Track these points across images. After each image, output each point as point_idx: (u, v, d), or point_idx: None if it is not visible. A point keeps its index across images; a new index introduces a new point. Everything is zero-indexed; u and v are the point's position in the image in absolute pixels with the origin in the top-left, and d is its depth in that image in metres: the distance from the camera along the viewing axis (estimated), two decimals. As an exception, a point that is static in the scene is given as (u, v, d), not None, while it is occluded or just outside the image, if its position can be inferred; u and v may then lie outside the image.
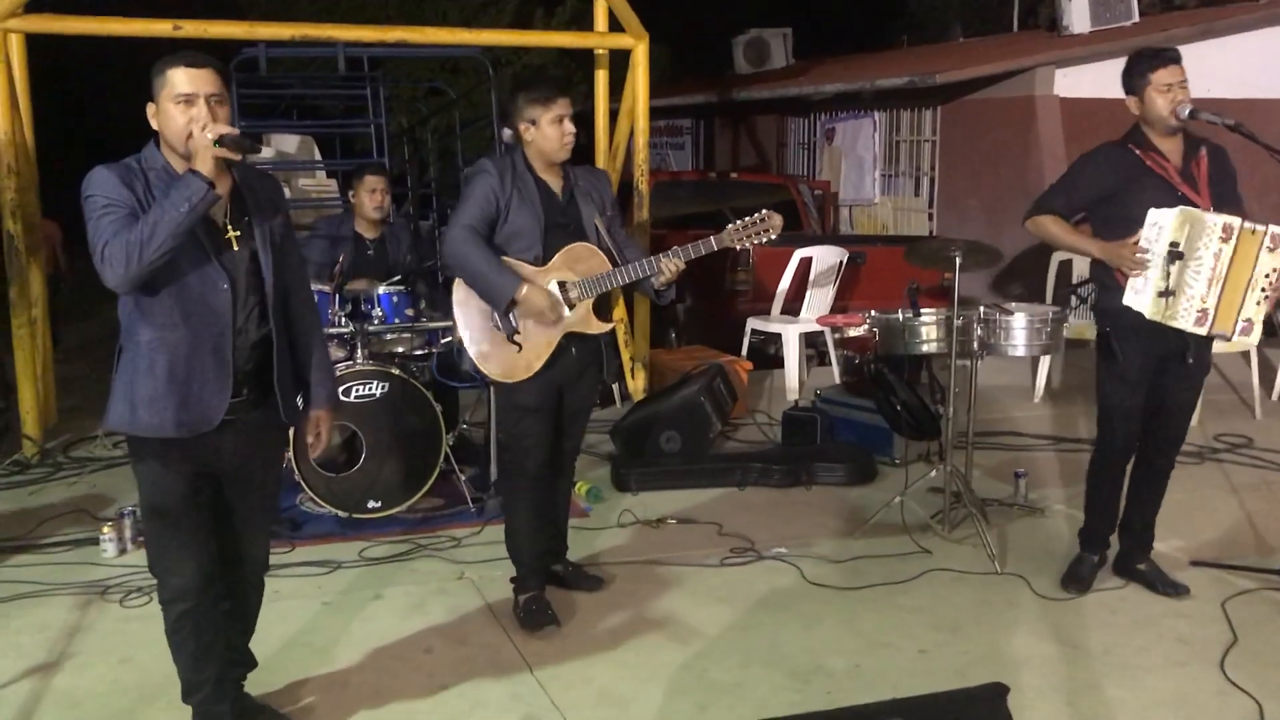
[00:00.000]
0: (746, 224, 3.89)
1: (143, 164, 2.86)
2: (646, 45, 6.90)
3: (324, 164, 10.28)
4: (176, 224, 2.70)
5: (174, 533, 2.97)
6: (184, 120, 2.78)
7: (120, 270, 2.71)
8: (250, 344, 2.96)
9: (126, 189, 2.78)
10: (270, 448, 3.17)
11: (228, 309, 2.88)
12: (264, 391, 3.01)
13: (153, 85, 2.84)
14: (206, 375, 2.88)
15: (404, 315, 5.26)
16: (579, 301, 3.91)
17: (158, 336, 2.85)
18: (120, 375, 2.91)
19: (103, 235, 2.73)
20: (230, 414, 2.92)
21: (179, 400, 2.86)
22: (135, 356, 2.88)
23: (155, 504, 2.98)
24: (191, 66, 2.80)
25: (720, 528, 5.01)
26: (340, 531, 4.89)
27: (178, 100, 2.79)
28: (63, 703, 3.48)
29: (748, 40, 14.51)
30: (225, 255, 2.89)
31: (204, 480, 3.00)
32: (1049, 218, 4.20)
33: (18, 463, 5.90)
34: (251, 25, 6.79)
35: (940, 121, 11.45)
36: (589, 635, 3.98)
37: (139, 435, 2.91)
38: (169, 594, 3.02)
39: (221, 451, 2.98)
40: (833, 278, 7.94)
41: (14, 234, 6.00)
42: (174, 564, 2.98)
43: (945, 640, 3.95)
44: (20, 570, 4.47)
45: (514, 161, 3.90)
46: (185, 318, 2.85)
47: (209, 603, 3.06)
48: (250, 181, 3.00)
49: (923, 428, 5.41)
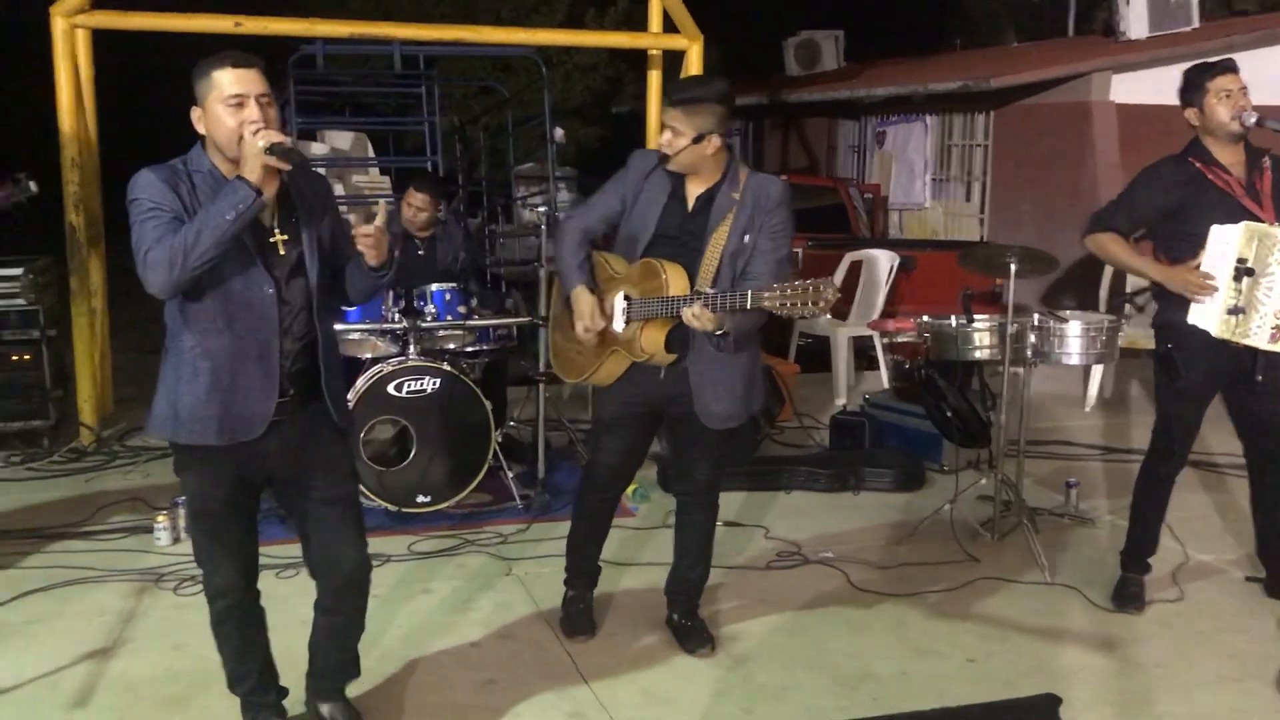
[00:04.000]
0: (795, 289, 3.16)
1: (188, 166, 2.80)
2: (701, 46, 6.91)
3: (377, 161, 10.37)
4: (222, 231, 2.65)
5: (215, 536, 2.98)
6: (235, 123, 2.71)
7: (163, 276, 2.66)
8: (296, 347, 2.90)
9: (172, 192, 2.73)
10: (326, 450, 3.03)
11: (273, 313, 2.82)
12: (312, 391, 2.94)
13: (196, 88, 2.76)
14: (251, 382, 2.82)
15: (456, 312, 5.30)
16: (632, 321, 3.59)
17: (202, 342, 2.79)
18: (163, 381, 2.86)
19: (146, 240, 2.68)
20: (276, 415, 2.86)
21: (222, 408, 2.80)
22: (179, 363, 2.82)
23: (198, 508, 2.99)
24: (238, 67, 2.73)
25: (766, 531, 5.00)
26: (389, 525, 4.93)
27: (228, 102, 2.72)
28: (118, 687, 3.54)
29: (799, 42, 14.45)
30: (271, 258, 2.82)
31: (247, 486, 2.98)
32: (1109, 236, 4.12)
33: (75, 450, 6.01)
34: (311, 22, 6.86)
35: (993, 126, 11.35)
36: (635, 635, 3.98)
37: (181, 442, 2.87)
38: (212, 590, 3.04)
39: (268, 456, 2.92)
40: (883, 282, 7.89)
41: (76, 226, 6.12)
42: (216, 564, 3.01)
43: (994, 649, 3.92)
44: (77, 556, 4.55)
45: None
46: (230, 323, 2.79)
47: (250, 600, 3.10)
48: (298, 183, 2.91)
49: (973, 435, 5.37)
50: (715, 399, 3.58)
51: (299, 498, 3.04)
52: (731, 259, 3.49)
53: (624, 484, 3.96)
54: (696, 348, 3.55)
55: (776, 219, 3.52)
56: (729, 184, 3.56)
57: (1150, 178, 4.08)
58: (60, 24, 5.93)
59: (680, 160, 3.50)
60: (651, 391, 3.67)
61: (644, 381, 3.67)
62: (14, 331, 5.95)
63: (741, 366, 3.61)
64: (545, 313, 5.25)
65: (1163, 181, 4.03)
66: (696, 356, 3.57)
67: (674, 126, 3.48)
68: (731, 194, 3.54)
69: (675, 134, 3.48)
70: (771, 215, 3.51)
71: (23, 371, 5.99)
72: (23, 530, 4.84)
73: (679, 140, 3.47)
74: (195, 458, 2.88)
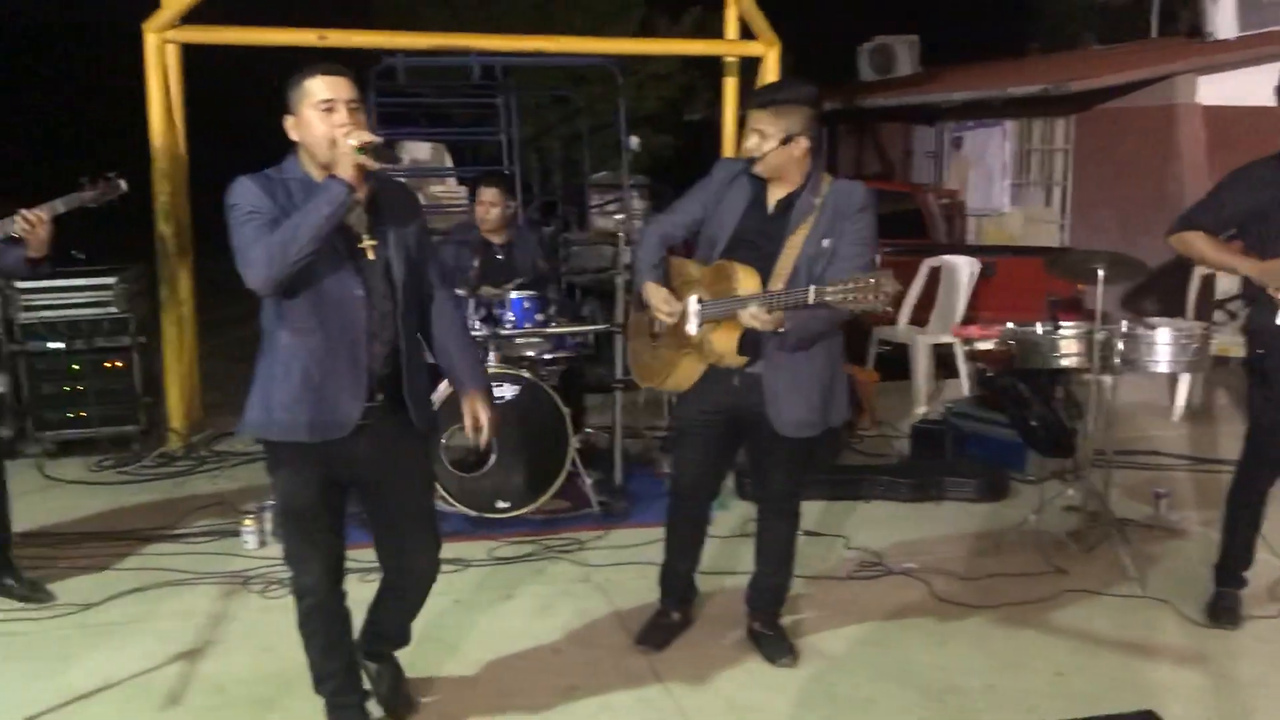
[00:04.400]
0: (857, 284, 3.08)
1: (282, 174, 2.93)
2: (778, 52, 6.88)
3: (454, 171, 10.49)
4: (318, 227, 2.76)
5: (304, 534, 3.06)
6: (326, 127, 2.83)
7: (263, 272, 2.78)
8: (384, 351, 2.99)
9: (268, 197, 2.85)
10: (407, 454, 3.14)
11: (362, 315, 2.92)
12: (398, 397, 3.04)
13: (289, 97, 2.89)
14: (341, 380, 2.92)
15: (534, 320, 5.33)
16: (705, 323, 3.55)
17: (295, 340, 2.90)
18: (258, 379, 2.97)
19: (246, 240, 2.80)
20: (364, 419, 2.95)
21: (313, 404, 2.90)
22: (273, 361, 2.94)
23: (288, 507, 3.08)
24: (329, 75, 2.86)
25: (847, 541, 4.95)
26: (469, 530, 4.97)
27: (319, 107, 2.83)
28: (208, 688, 3.61)
29: (873, 48, 14.34)
30: (361, 263, 2.93)
31: (336, 486, 3.07)
32: (1196, 234, 4.01)
33: (164, 455, 6.15)
34: (392, 35, 6.98)
35: (1074, 130, 11.15)
36: (716, 643, 3.96)
37: (273, 440, 2.98)
38: (299, 589, 3.12)
39: (356, 457, 3.00)
40: (963, 288, 7.78)
41: (166, 236, 6.27)
42: (304, 563, 3.09)
43: (1083, 663, 3.84)
44: (167, 559, 4.66)
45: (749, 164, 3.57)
46: (321, 322, 2.90)
47: (336, 600, 3.17)
48: (387, 191, 3.04)
49: (1058, 444, 5.26)
50: (789, 407, 3.55)
51: (379, 501, 3.14)
52: (809, 263, 3.46)
53: (708, 494, 3.92)
54: (770, 354, 3.53)
55: (859, 224, 3.48)
56: (810, 190, 3.53)
57: (1240, 177, 3.98)
58: (152, 39, 6.09)
59: (768, 163, 3.48)
60: (726, 398, 3.65)
61: (718, 388, 3.65)
62: (107, 339, 6.11)
63: (819, 374, 3.57)
64: (622, 320, 5.26)
65: (1252, 181, 3.93)
66: (770, 362, 3.54)
67: (761, 129, 3.46)
68: (813, 199, 3.51)
69: (763, 136, 3.46)
70: (853, 220, 3.47)
71: (115, 378, 6.15)
72: (115, 533, 4.96)
73: (766, 143, 3.45)
74: (287, 456, 2.98)
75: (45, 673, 3.68)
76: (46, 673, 3.68)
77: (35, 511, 5.04)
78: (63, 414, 6.09)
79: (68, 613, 4.13)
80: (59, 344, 6.02)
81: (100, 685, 3.59)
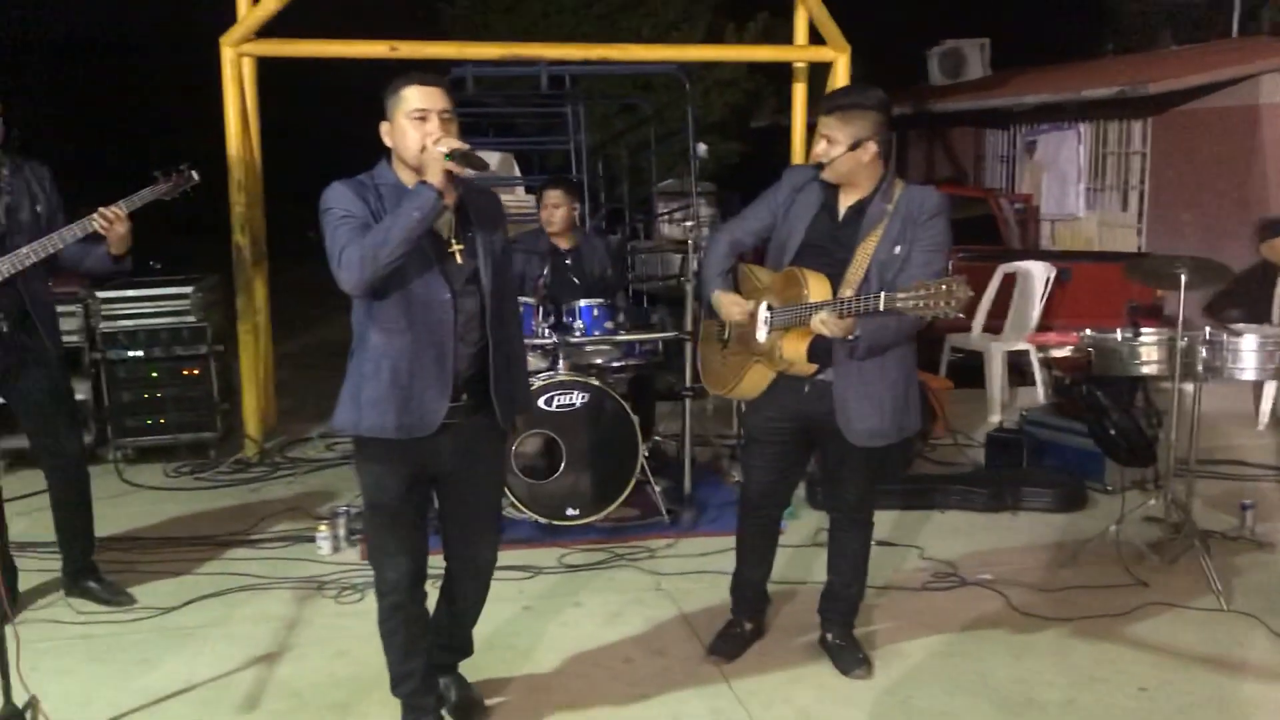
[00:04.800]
0: (928, 289, 3.06)
1: (374, 180, 3.02)
2: (848, 57, 6.82)
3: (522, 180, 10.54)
4: (409, 231, 2.84)
5: (391, 530, 3.12)
6: (418, 135, 2.92)
7: (356, 274, 2.87)
8: (470, 352, 3.08)
9: (360, 201, 2.95)
10: (489, 452, 3.25)
11: (450, 317, 3.01)
12: (482, 397, 3.12)
13: (386, 105, 2.99)
14: (428, 380, 3.01)
15: (603, 327, 5.33)
16: (774, 330, 3.53)
17: (385, 340, 3.00)
18: (349, 377, 3.06)
19: (339, 242, 2.90)
20: (450, 418, 3.04)
21: (401, 403, 2.99)
22: (363, 360, 3.03)
23: (375, 501, 3.14)
24: (424, 85, 2.95)
25: (921, 551, 4.88)
26: (539, 537, 4.98)
27: (412, 116, 2.93)
28: (284, 692, 3.65)
29: (943, 51, 14.16)
30: (449, 267, 3.02)
31: (422, 482, 3.14)
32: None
33: (240, 462, 6.25)
34: (462, 45, 7.03)
35: (1152, 133, 10.91)
36: (788, 654, 3.92)
37: (362, 436, 3.04)
38: (384, 587, 3.17)
39: (441, 453, 3.09)
40: (1038, 294, 7.65)
41: (241, 245, 6.37)
42: (389, 560, 3.14)
43: (1168, 679, 3.73)
44: (243, 564, 4.73)
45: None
46: (410, 324, 2.99)
47: (418, 599, 3.22)
48: (474, 198, 3.13)
49: (1138, 454, 5.14)
50: (860, 415, 3.49)
51: (456, 494, 3.23)
52: (880, 269, 3.40)
53: (778, 503, 3.88)
54: (841, 361, 3.48)
55: (931, 231, 3.42)
56: (882, 196, 3.48)
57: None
58: (228, 53, 6.20)
59: (836, 168, 3.45)
60: (796, 406, 3.61)
61: (788, 396, 3.61)
62: (184, 347, 6.23)
63: (891, 382, 3.51)
64: (691, 328, 5.23)
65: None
66: (841, 370, 3.49)
67: (829, 134, 3.43)
68: (884, 205, 3.46)
69: (831, 142, 3.43)
70: (926, 227, 3.42)
71: (192, 385, 6.27)
72: (192, 538, 5.05)
73: (834, 148, 3.42)
74: (375, 452, 3.06)
75: (126, 675, 3.75)
76: (127, 675, 3.75)
77: (114, 516, 5.14)
78: (141, 421, 6.22)
79: (147, 616, 4.20)
80: (138, 352, 6.15)
81: (179, 688, 3.65)
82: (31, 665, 3.31)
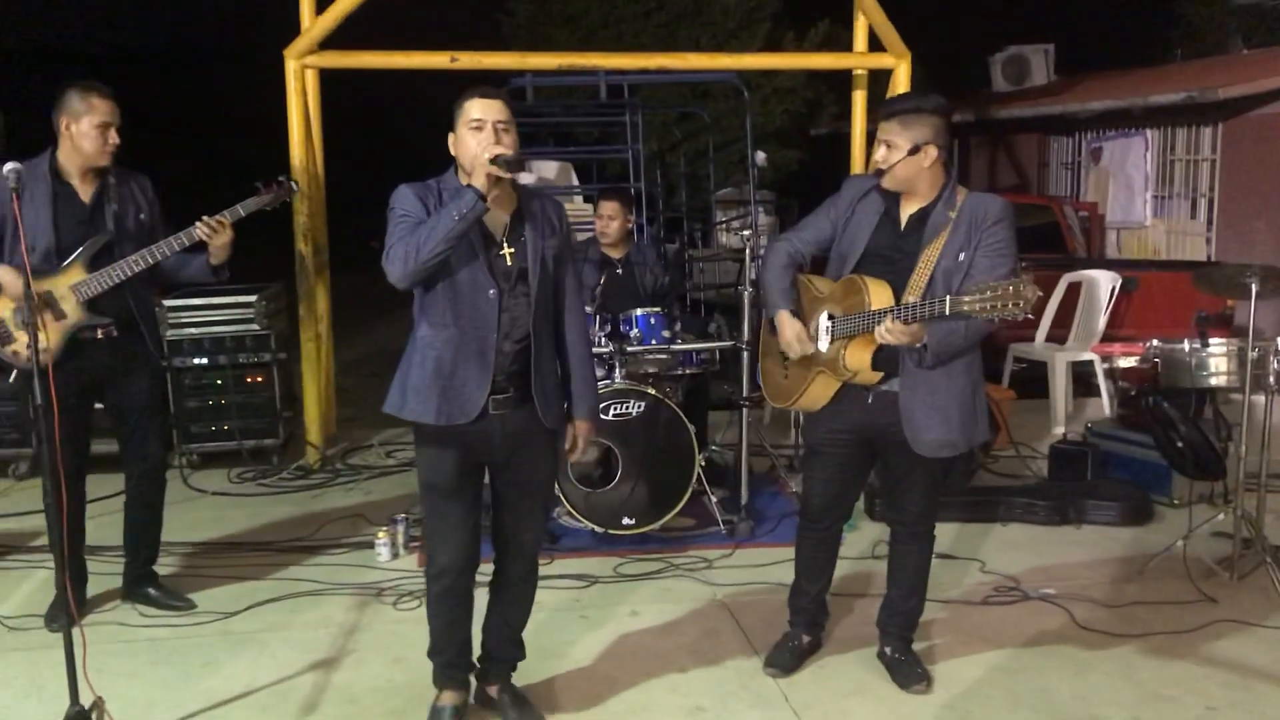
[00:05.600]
0: (994, 290, 3.03)
1: (440, 184, 3.20)
2: (909, 64, 6.76)
3: (580, 189, 10.59)
4: (448, 230, 3.01)
5: (444, 511, 3.27)
6: (474, 143, 3.09)
7: (400, 267, 3.05)
8: (514, 349, 3.21)
9: (420, 203, 3.14)
10: (535, 445, 3.33)
11: (494, 314, 3.15)
12: (527, 391, 3.24)
13: (453, 116, 3.16)
14: (469, 372, 3.16)
15: (659, 336, 5.32)
16: (835, 340, 3.50)
17: (432, 332, 3.17)
18: (401, 365, 3.25)
19: (392, 239, 3.10)
20: (496, 409, 3.19)
21: (441, 392, 3.16)
22: (413, 350, 3.22)
23: (429, 481, 3.29)
24: (484, 98, 3.14)
25: (983, 565, 4.80)
26: (596, 546, 4.98)
27: (470, 125, 3.11)
28: (342, 697, 3.68)
29: (1006, 58, 14.03)
30: (497, 266, 3.17)
31: (474, 467, 3.29)
32: None
33: (302, 468, 6.33)
34: (522, 55, 7.06)
35: (1221, 139, 10.68)
36: (846, 667, 3.88)
37: (408, 420, 3.22)
38: (435, 570, 3.33)
39: (492, 441, 3.23)
40: (1104, 304, 7.52)
41: (304, 254, 6.46)
42: (441, 542, 3.29)
43: (1238, 698, 3.64)
44: (305, 569, 4.78)
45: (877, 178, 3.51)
46: (456, 318, 3.15)
47: (466, 582, 3.37)
48: (533, 204, 3.27)
49: (1206, 467, 5.03)
50: (927, 425, 3.44)
51: (505, 480, 3.36)
52: (945, 276, 3.36)
53: (839, 515, 3.83)
54: (907, 371, 3.44)
55: (996, 237, 3.37)
56: (944, 203, 3.43)
57: None
58: (292, 65, 6.29)
59: (896, 175, 3.41)
60: (859, 418, 3.57)
61: (851, 407, 3.57)
62: (248, 354, 6.32)
63: (957, 391, 3.46)
64: (748, 337, 5.21)
65: None
66: (907, 380, 3.45)
67: (889, 140, 3.39)
68: (948, 212, 3.41)
69: (890, 147, 3.39)
70: (990, 233, 3.37)
71: (256, 392, 6.36)
72: (254, 543, 5.12)
73: (894, 154, 3.38)
74: (429, 436, 3.23)
75: (188, 678, 3.81)
76: (190, 678, 3.81)
77: (179, 522, 5.21)
78: (206, 427, 6.32)
79: (210, 620, 4.26)
80: (203, 359, 6.25)
81: (240, 692, 3.70)
82: (97, 667, 3.39)
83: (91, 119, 3.96)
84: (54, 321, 3.94)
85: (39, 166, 3.98)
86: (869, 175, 3.56)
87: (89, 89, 3.98)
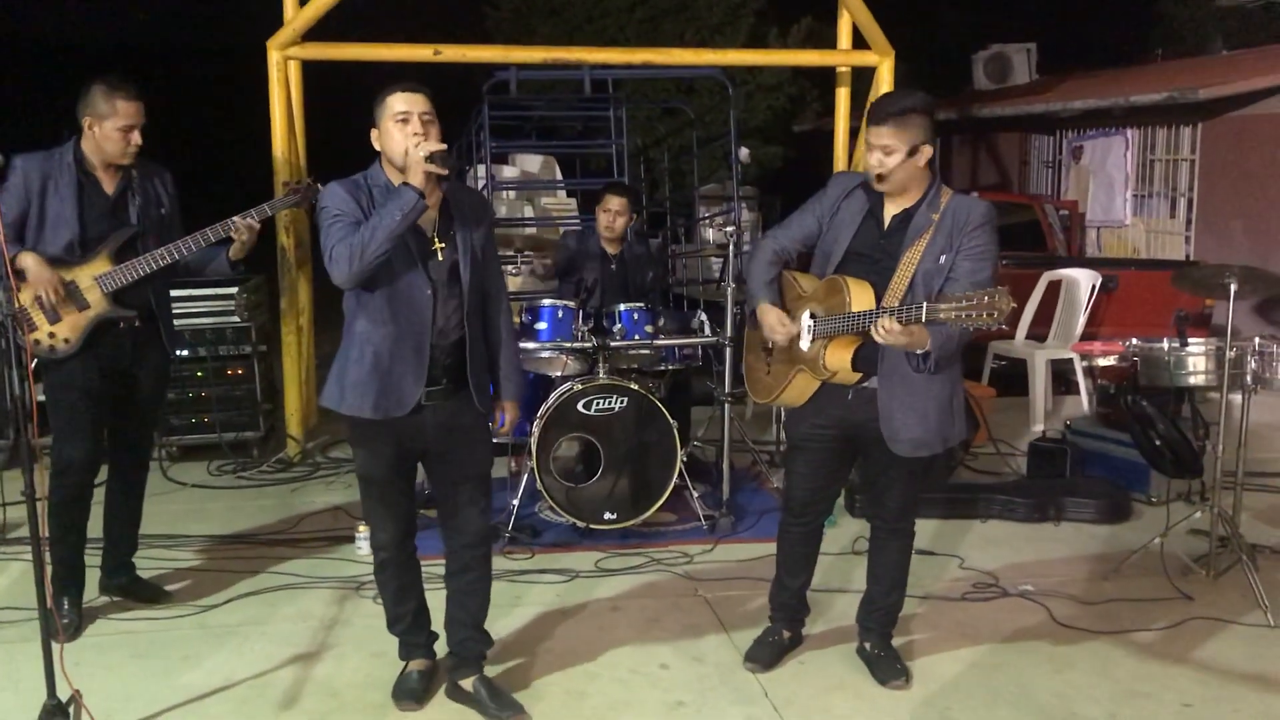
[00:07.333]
0: (970, 301, 3.03)
1: (368, 180, 3.26)
2: (892, 62, 6.78)
3: (564, 183, 10.57)
4: (391, 230, 3.08)
5: (379, 498, 3.43)
6: (401, 137, 3.15)
7: (345, 268, 3.12)
8: (449, 342, 3.32)
9: (353, 201, 3.19)
10: (468, 432, 3.43)
11: (429, 310, 3.25)
12: (460, 382, 3.36)
13: (375, 112, 3.22)
14: (406, 367, 3.25)
15: (643, 331, 5.32)
16: (817, 339, 3.51)
17: (370, 329, 3.25)
18: (338, 360, 3.32)
19: (331, 239, 3.15)
20: (429, 400, 3.29)
21: (379, 387, 3.24)
22: (349, 345, 3.29)
23: (364, 473, 3.45)
24: (407, 91, 3.18)
25: (962, 561, 4.83)
26: (577, 541, 4.98)
27: (396, 119, 3.16)
28: (323, 691, 3.67)
29: (989, 56, 14.05)
30: (431, 263, 3.25)
31: (407, 457, 3.41)
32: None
33: (282, 461, 6.30)
34: (506, 49, 7.04)
35: (1200, 139, 10.75)
36: (826, 662, 3.90)
37: (345, 414, 3.30)
38: (376, 544, 3.50)
39: (424, 431, 3.34)
40: (1083, 303, 7.56)
41: (286, 247, 6.43)
42: (380, 521, 3.47)
43: (1213, 695, 3.67)
44: (284, 563, 4.76)
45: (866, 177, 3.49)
46: (393, 315, 3.23)
47: (407, 553, 3.53)
48: (458, 197, 3.36)
49: (1184, 465, 5.06)
50: (905, 425, 3.46)
51: (443, 467, 3.46)
52: (925, 279, 3.36)
53: (820, 511, 3.84)
54: (887, 369, 3.44)
55: (977, 241, 3.37)
56: (929, 204, 3.43)
57: None
58: (275, 56, 6.26)
59: (895, 179, 3.38)
60: (839, 413, 3.59)
61: (831, 404, 3.59)
62: (229, 347, 6.30)
63: (935, 391, 3.46)
64: (731, 333, 5.21)
65: None
66: (887, 379, 3.46)
67: (885, 144, 3.34)
68: (930, 214, 3.41)
69: (887, 151, 3.35)
70: (971, 237, 3.37)
71: (236, 385, 6.34)
72: (234, 537, 5.10)
73: (891, 158, 3.35)
74: (364, 431, 3.33)
75: (166, 672, 3.79)
76: (167, 672, 3.79)
77: (158, 514, 5.18)
78: (186, 419, 6.29)
79: (189, 614, 4.25)
80: (184, 351, 6.21)
81: (219, 685, 3.68)
82: (75, 660, 3.37)
83: (115, 122, 3.95)
84: (77, 311, 3.93)
85: (64, 157, 3.98)
86: (855, 172, 3.55)
87: (114, 90, 3.94)
